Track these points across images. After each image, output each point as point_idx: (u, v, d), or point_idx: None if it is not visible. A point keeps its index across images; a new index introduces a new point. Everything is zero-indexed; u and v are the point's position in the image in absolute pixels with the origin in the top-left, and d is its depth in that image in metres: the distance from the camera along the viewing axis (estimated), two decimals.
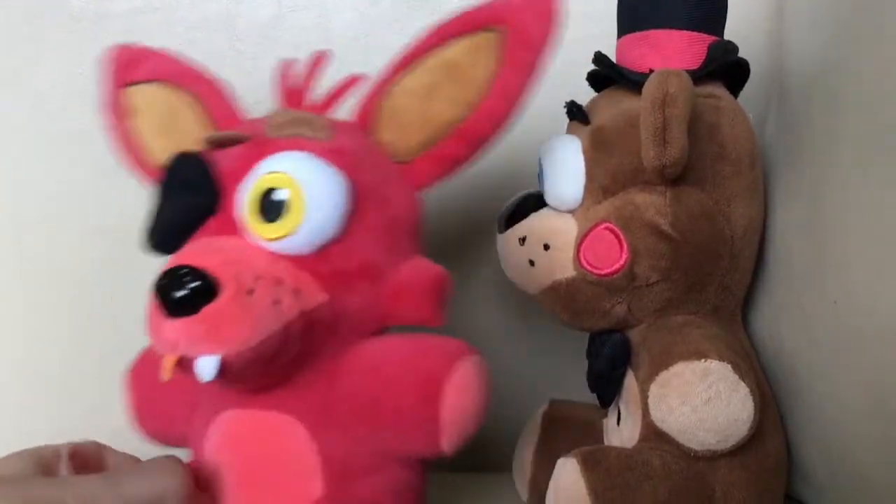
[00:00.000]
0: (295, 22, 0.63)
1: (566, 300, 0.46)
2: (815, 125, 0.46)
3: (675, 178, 0.42)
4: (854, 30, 0.42)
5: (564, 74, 0.56)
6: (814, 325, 0.44)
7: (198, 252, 0.38)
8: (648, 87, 0.40)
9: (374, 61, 0.62)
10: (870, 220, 0.39)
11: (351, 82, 0.46)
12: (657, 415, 0.41)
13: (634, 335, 0.46)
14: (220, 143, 0.42)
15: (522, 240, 0.47)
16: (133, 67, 0.49)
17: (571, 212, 0.46)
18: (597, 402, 0.49)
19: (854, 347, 0.40)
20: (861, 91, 0.40)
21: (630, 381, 0.46)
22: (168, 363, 0.36)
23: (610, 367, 0.46)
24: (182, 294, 0.35)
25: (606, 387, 0.47)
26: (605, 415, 0.51)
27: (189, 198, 0.40)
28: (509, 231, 0.49)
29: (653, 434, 0.43)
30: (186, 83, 0.47)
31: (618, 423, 0.48)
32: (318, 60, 0.47)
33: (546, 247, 0.46)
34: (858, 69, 0.41)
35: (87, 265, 0.63)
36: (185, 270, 0.35)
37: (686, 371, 0.40)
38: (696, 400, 0.40)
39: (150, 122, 0.48)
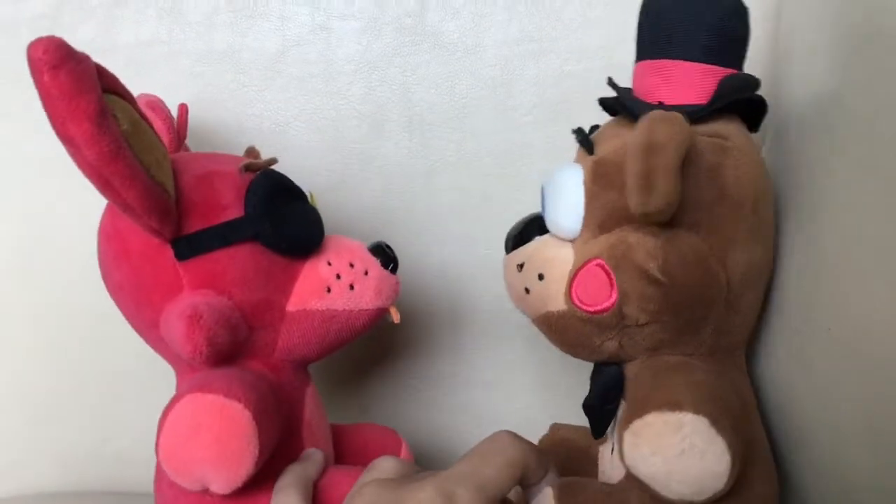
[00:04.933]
0: (299, 55, 0.64)
1: (558, 332, 0.46)
2: (809, 154, 0.46)
3: (669, 220, 0.41)
4: (849, 58, 0.42)
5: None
6: (808, 353, 0.44)
7: None
8: (637, 130, 0.39)
9: (376, 95, 0.64)
10: (864, 248, 0.39)
11: None
12: (630, 462, 0.40)
13: (629, 369, 0.46)
14: (256, 169, 0.47)
15: (521, 266, 0.47)
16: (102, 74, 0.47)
17: (571, 241, 0.45)
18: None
19: (849, 375, 0.40)
20: (856, 121, 0.40)
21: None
22: (395, 309, 0.50)
23: (602, 401, 0.46)
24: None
25: (598, 418, 0.47)
26: (604, 441, 0.51)
27: None
28: (511, 255, 0.48)
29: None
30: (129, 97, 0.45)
31: (612, 452, 0.48)
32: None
33: (541, 276, 0.45)
34: (854, 97, 0.41)
35: (93, 289, 0.64)
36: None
37: (658, 422, 0.39)
38: (669, 452, 0.39)
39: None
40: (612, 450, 0.47)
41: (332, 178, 0.65)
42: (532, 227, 0.48)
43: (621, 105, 0.45)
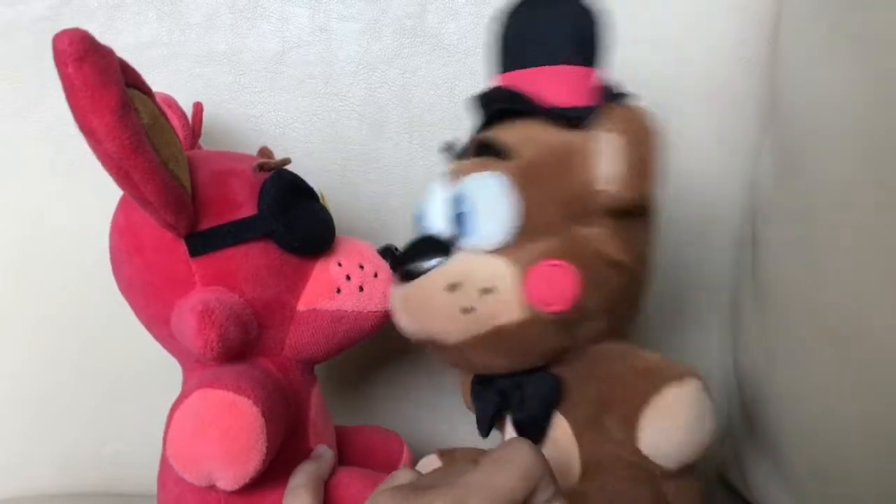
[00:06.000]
0: (299, 57, 0.64)
1: (510, 344, 0.44)
2: (808, 157, 0.46)
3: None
4: (849, 58, 0.42)
5: None
6: (807, 349, 0.45)
7: None
8: (625, 121, 0.41)
9: (376, 96, 0.64)
10: (863, 244, 0.40)
11: None
12: (651, 439, 0.41)
13: (559, 370, 0.45)
14: (269, 169, 0.47)
15: (453, 286, 0.44)
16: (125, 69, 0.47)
17: (498, 252, 0.43)
18: (481, 446, 0.48)
19: (847, 370, 0.41)
20: (855, 121, 0.41)
21: (559, 421, 0.45)
22: None
23: (543, 410, 0.45)
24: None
25: (539, 430, 0.45)
26: None
27: None
28: (422, 280, 0.45)
29: (595, 464, 0.43)
30: (150, 92, 0.45)
31: None
32: None
33: (486, 290, 0.43)
34: (850, 95, 0.42)
35: (93, 291, 0.64)
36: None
37: (680, 393, 0.40)
38: (691, 419, 0.40)
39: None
40: None
41: (332, 179, 0.65)
42: (425, 250, 0.46)
43: (535, 110, 0.44)
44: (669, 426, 0.40)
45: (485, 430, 0.48)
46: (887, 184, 0.38)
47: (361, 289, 0.49)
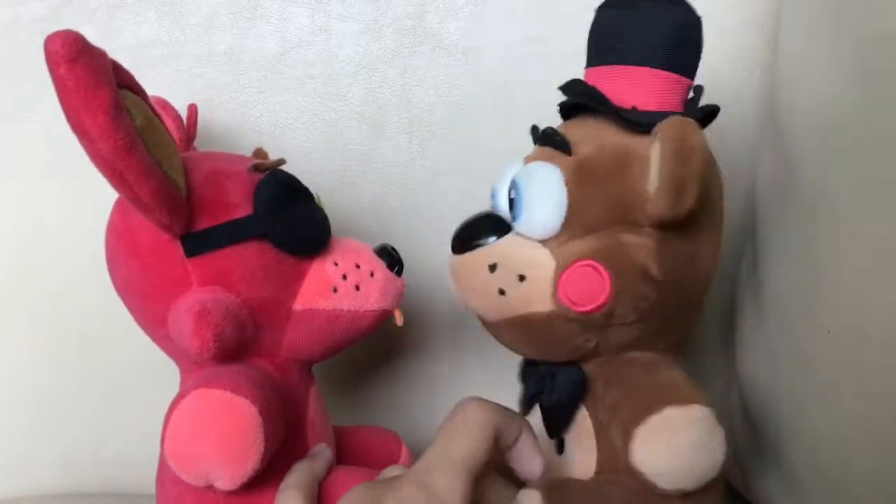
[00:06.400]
0: (299, 57, 0.64)
1: (538, 333, 0.45)
2: (808, 158, 0.46)
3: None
4: (848, 58, 0.42)
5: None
6: (807, 355, 0.44)
7: None
8: (671, 135, 0.39)
9: (376, 96, 0.64)
10: (862, 251, 0.39)
11: None
12: (641, 458, 0.40)
13: (590, 368, 0.46)
14: (264, 169, 0.47)
15: (493, 267, 0.45)
16: (117, 70, 0.45)
17: (543, 242, 0.44)
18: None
19: (847, 376, 0.41)
20: (855, 120, 0.41)
21: (581, 414, 0.45)
22: (399, 311, 0.51)
23: (567, 401, 0.46)
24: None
25: (561, 419, 0.46)
26: None
27: None
28: (472, 254, 0.46)
29: (611, 467, 0.43)
30: (143, 93, 0.45)
31: (559, 452, 0.48)
32: None
33: (521, 277, 0.44)
34: (851, 104, 0.42)
35: (93, 291, 0.64)
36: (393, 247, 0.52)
37: (676, 416, 0.40)
38: (683, 445, 0.40)
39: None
40: (563, 450, 0.48)
41: (332, 180, 0.65)
42: (484, 227, 0.47)
43: (609, 108, 0.44)
44: (660, 448, 0.40)
45: (524, 409, 0.49)
46: (887, 184, 0.38)
47: (358, 288, 0.48)
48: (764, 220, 0.50)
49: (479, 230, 0.46)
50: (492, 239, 0.46)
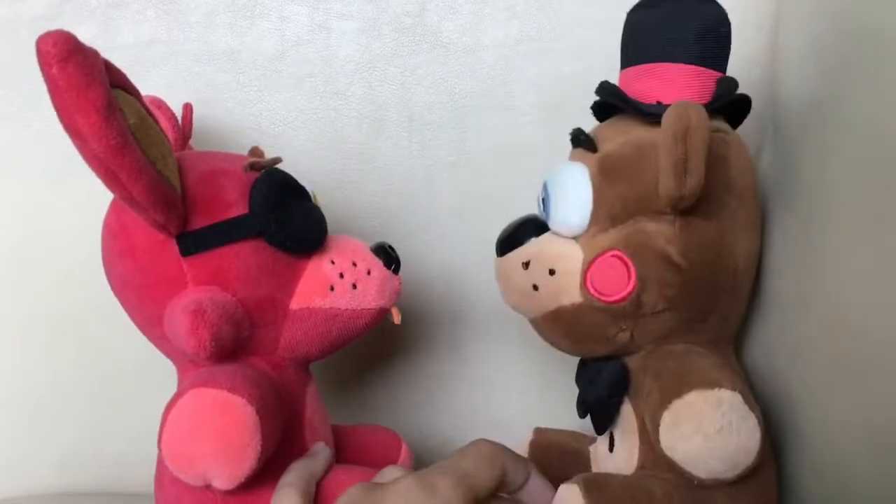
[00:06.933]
0: (298, 55, 0.64)
1: (570, 326, 0.46)
2: (808, 156, 0.46)
3: (686, 208, 0.43)
4: (848, 58, 0.42)
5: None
6: (808, 352, 0.44)
7: None
8: (669, 118, 0.40)
9: (375, 95, 0.64)
10: (863, 249, 0.39)
11: None
12: (668, 443, 0.41)
13: (632, 362, 0.46)
14: (260, 168, 0.47)
15: (526, 264, 0.47)
16: (109, 69, 0.45)
17: (575, 238, 0.46)
18: (580, 429, 0.49)
19: (848, 374, 0.41)
20: (854, 120, 0.41)
21: (626, 409, 0.46)
22: (396, 309, 0.51)
23: (609, 394, 0.46)
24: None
25: (604, 414, 0.47)
26: (592, 441, 0.51)
27: None
28: (510, 255, 0.48)
29: (652, 462, 0.43)
30: (136, 93, 0.45)
31: (610, 450, 0.48)
32: None
33: (552, 272, 0.46)
34: (851, 102, 0.41)
35: (92, 290, 0.63)
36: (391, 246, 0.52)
37: (700, 400, 0.40)
38: (709, 429, 0.39)
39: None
40: (612, 447, 0.48)
41: (332, 178, 0.65)
42: (525, 230, 0.49)
43: (627, 104, 0.46)
44: (685, 431, 0.40)
45: (580, 412, 0.49)
46: (887, 184, 0.38)
47: (355, 286, 0.48)
48: (766, 217, 0.50)
49: (519, 233, 0.49)
50: (531, 240, 0.48)
